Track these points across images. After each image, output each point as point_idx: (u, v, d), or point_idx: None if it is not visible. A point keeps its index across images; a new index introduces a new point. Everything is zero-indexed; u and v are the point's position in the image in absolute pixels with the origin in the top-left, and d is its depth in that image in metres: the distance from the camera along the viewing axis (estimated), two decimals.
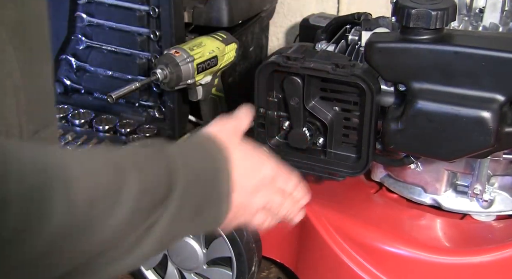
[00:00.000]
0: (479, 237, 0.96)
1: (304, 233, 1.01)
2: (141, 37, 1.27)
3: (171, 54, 1.10)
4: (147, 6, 1.24)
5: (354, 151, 0.93)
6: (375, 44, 0.83)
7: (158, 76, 1.07)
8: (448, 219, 0.99)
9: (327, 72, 0.86)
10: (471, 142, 0.80)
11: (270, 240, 1.06)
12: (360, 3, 1.58)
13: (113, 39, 1.30)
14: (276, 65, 0.89)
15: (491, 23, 0.97)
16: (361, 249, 0.95)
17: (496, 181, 0.97)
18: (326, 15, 1.49)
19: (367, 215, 1.00)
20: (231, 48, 1.23)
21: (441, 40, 0.81)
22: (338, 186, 1.06)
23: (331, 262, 0.97)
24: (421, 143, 0.83)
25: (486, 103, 0.79)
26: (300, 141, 0.93)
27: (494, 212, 0.98)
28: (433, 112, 0.81)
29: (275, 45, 1.75)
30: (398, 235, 0.95)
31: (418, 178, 1.00)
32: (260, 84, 0.93)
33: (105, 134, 1.28)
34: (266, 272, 1.16)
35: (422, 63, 0.81)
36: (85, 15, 1.30)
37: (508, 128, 0.81)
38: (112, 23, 1.28)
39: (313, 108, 0.91)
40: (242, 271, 0.98)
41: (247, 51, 1.51)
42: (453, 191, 1.00)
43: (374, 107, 0.85)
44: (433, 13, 0.79)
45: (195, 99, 1.22)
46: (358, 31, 1.02)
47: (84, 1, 1.29)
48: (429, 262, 0.92)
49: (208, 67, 1.16)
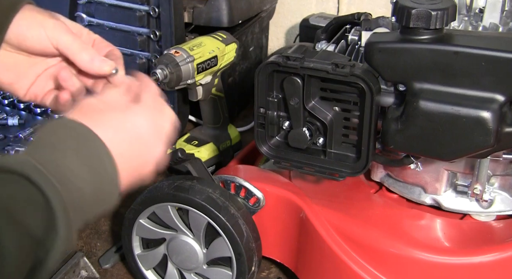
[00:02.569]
0: (479, 237, 0.96)
1: (304, 233, 1.01)
2: (141, 37, 1.27)
3: (171, 54, 1.10)
4: (147, 6, 1.24)
5: (354, 151, 0.93)
6: (375, 44, 0.83)
7: (158, 76, 1.07)
8: (448, 219, 0.99)
9: (327, 72, 0.86)
10: (471, 142, 0.80)
11: (270, 240, 1.06)
12: (360, 3, 1.59)
13: (113, 39, 1.29)
14: (276, 65, 0.90)
15: (491, 23, 0.97)
16: (361, 249, 0.95)
17: (496, 181, 0.97)
18: (326, 15, 1.50)
19: (367, 215, 1.00)
20: (231, 48, 1.24)
21: (441, 40, 0.81)
22: (338, 186, 1.06)
23: (331, 262, 0.97)
24: (421, 143, 0.83)
25: (486, 103, 0.79)
26: (300, 141, 0.93)
27: (494, 212, 0.98)
28: (433, 112, 0.81)
29: (275, 45, 1.75)
30: (398, 235, 0.95)
31: (418, 178, 1.00)
32: (260, 84, 0.93)
33: None
34: (266, 272, 1.16)
35: (422, 63, 0.81)
36: (85, 15, 1.30)
37: (508, 128, 0.81)
38: (112, 23, 1.28)
39: (313, 108, 0.91)
40: (242, 271, 0.98)
41: (247, 51, 1.51)
42: (453, 191, 1.00)
43: (374, 107, 0.86)
44: (433, 13, 0.79)
45: (195, 99, 1.22)
46: (358, 31, 1.02)
47: (84, 1, 1.30)
48: (429, 262, 0.92)
49: (208, 67, 1.17)
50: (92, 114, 0.61)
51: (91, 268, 1.15)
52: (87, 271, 1.15)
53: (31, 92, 0.73)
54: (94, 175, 0.57)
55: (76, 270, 1.14)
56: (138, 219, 1.03)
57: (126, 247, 1.08)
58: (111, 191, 0.59)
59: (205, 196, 0.96)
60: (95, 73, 0.70)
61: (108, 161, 0.58)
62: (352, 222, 0.97)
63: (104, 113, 0.62)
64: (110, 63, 0.69)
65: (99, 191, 0.58)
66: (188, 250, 1.02)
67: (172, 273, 1.07)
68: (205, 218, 0.96)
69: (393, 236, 0.95)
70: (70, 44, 0.69)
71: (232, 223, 0.95)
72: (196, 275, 1.06)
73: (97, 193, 0.58)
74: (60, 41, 0.68)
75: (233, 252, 0.97)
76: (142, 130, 0.63)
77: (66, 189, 0.54)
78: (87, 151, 0.58)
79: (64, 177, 0.55)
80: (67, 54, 0.69)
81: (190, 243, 1.01)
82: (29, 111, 1.35)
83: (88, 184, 0.57)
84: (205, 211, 0.95)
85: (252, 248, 0.98)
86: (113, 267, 1.18)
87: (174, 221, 1.01)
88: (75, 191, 0.55)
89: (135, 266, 1.09)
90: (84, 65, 0.69)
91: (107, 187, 0.59)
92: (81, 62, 0.69)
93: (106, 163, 0.58)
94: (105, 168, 0.58)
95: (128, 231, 1.05)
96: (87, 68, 0.69)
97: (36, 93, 0.73)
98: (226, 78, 1.40)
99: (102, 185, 0.58)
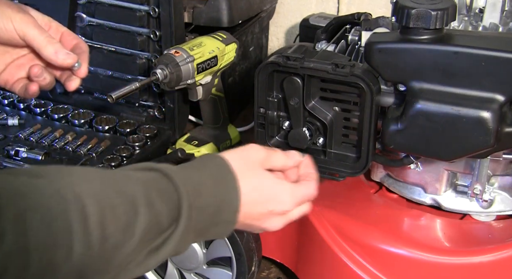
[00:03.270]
0: (479, 237, 0.96)
1: (304, 233, 1.01)
2: (141, 37, 1.27)
3: (171, 54, 1.10)
4: (147, 6, 1.24)
5: (354, 151, 0.93)
6: (375, 44, 0.83)
7: (158, 76, 1.07)
8: (448, 219, 0.99)
9: (327, 72, 0.86)
10: (471, 142, 0.80)
11: (270, 240, 1.06)
12: (360, 3, 1.58)
13: (113, 39, 1.30)
14: (276, 65, 0.90)
15: (491, 23, 0.97)
16: (361, 249, 0.95)
17: (496, 181, 0.97)
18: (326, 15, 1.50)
19: (367, 215, 1.00)
20: (231, 48, 1.23)
21: (441, 40, 0.81)
22: (338, 186, 1.06)
23: (331, 262, 0.97)
24: (421, 143, 0.83)
25: (486, 103, 0.79)
26: (300, 141, 0.93)
27: (494, 212, 0.98)
28: (433, 112, 0.81)
29: (275, 45, 1.75)
30: (398, 235, 0.95)
31: (418, 178, 1.00)
32: (260, 84, 0.93)
33: (105, 134, 1.28)
34: (266, 272, 1.16)
35: (422, 63, 0.81)
36: (85, 15, 1.30)
37: (508, 128, 0.81)
38: (112, 23, 1.28)
39: (313, 108, 0.91)
40: (242, 271, 0.98)
41: (247, 51, 1.51)
42: (453, 191, 1.00)
43: (374, 107, 0.86)
44: (433, 13, 0.79)
45: (195, 99, 1.22)
46: (358, 31, 1.02)
47: (84, 1, 1.30)
48: (428, 262, 0.92)
49: (208, 67, 1.16)
50: (245, 168, 0.68)
51: None
52: None
53: (0, 78, 0.79)
54: (220, 200, 0.64)
55: None
56: None
57: None
58: (228, 220, 0.65)
59: None
60: (59, 65, 0.75)
61: (235, 197, 0.65)
62: (352, 222, 0.97)
63: (257, 172, 0.70)
64: (73, 57, 0.75)
65: (219, 214, 0.64)
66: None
67: (172, 273, 1.07)
68: None
69: (393, 236, 0.95)
70: (37, 37, 0.73)
71: None
72: (196, 275, 1.06)
73: (217, 215, 0.64)
74: (26, 34, 0.73)
75: (233, 252, 0.97)
76: (277, 205, 0.70)
77: (195, 199, 0.61)
78: (222, 182, 0.65)
79: (197, 190, 0.62)
80: (33, 46, 0.74)
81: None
82: (29, 111, 1.35)
83: (213, 204, 0.63)
84: None
85: (252, 248, 0.98)
86: None
87: None
88: (201, 205, 0.62)
89: None
90: (49, 58, 0.74)
91: (227, 215, 0.65)
92: (46, 54, 0.74)
93: (233, 197, 0.65)
94: (231, 200, 0.65)
95: None
96: (52, 60, 0.75)
97: (6, 80, 0.79)
98: (226, 78, 1.40)
99: (223, 211, 0.64)
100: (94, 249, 0.51)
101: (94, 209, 0.52)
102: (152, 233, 0.57)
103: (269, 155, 0.72)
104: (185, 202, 0.60)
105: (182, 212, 0.59)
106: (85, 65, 0.78)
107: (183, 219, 0.59)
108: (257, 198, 0.68)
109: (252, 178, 0.68)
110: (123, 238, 0.54)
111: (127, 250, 0.55)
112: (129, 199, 0.56)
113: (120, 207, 0.54)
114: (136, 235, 0.55)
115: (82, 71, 0.77)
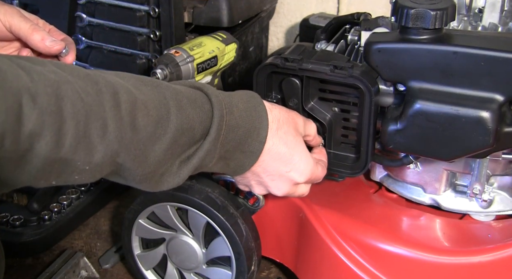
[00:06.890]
0: (479, 237, 0.96)
1: (304, 233, 1.01)
2: (141, 37, 1.27)
3: (171, 54, 1.10)
4: (147, 6, 1.24)
5: (353, 151, 0.93)
6: (374, 44, 0.83)
7: (158, 76, 1.07)
8: (447, 219, 0.99)
9: (325, 74, 0.86)
10: (470, 142, 0.80)
11: (270, 240, 1.06)
12: (360, 3, 1.58)
13: (113, 39, 1.30)
14: (274, 67, 0.90)
15: (490, 23, 0.97)
16: (361, 249, 0.95)
17: (496, 181, 0.97)
18: (326, 15, 1.50)
19: (367, 215, 1.00)
20: (231, 48, 1.23)
21: (440, 40, 0.81)
22: (337, 186, 1.06)
23: (330, 262, 0.97)
24: (420, 143, 0.83)
25: (485, 103, 0.79)
26: None
27: (493, 212, 0.98)
28: (432, 112, 0.81)
29: (275, 45, 1.75)
30: (397, 235, 0.95)
31: (417, 178, 1.00)
32: (258, 85, 0.93)
33: None
34: (266, 272, 1.17)
35: (421, 63, 0.81)
36: (85, 15, 1.30)
37: (507, 128, 0.81)
38: (112, 23, 1.28)
39: (311, 109, 0.91)
40: (241, 270, 0.98)
41: (247, 51, 1.51)
42: (452, 191, 1.00)
43: (373, 108, 0.86)
44: (432, 13, 0.79)
45: None
46: (358, 31, 1.02)
47: (84, 1, 1.30)
48: (428, 262, 0.92)
49: (208, 67, 1.16)
50: (285, 120, 0.76)
51: (91, 268, 1.15)
52: (87, 271, 1.15)
53: None
54: (250, 126, 0.69)
55: (76, 270, 1.14)
56: (138, 219, 1.03)
57: (125, 247, 1.08)
58: (254, 150, 0.71)
59: (204, 195, 0.96)
60: (47, 52, 0.77)
61: (264, 128, 0.71)
62: (352, 222, 0.97)
63: (293, 132, 0.77)
64: (59, 43, 0.77)
65: (246, 140, 0.69)
66: (188, 250, 1.02)
67: (172, 273, 1.07)
68: (205, 218, 0.96)
69: (392, 236, 0.95)
70: (23, 26, 0.76)
71: (231, 222, 0.95)
72: (195, 275, 1.06)
73: (245, 141, 0.69)
74: (12, 24, 0.75)
75: (233, 251, 0.97)
76: (296, 171, 0.77)
77: (227, 115, 0.67)
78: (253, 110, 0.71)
79: (229, 108, 0.68)
80: (20, 36, 0.76)
81: (189, 243, 1.01)
82: None
83: (243, 126, 0.69)
84: (204, 210, 0.96)
85: (251, 248, 0.98)
86: (113, 267, 1.19)
87: (173, 221, 1.01)
88: (231, 123, 0.67)
89: (135, 266, 1.09)
90: (36, 45, 0.76)
91: (253, 144, 0.71)
92: (33, 42, 0.76)
93: (262, 127, 0.71)
94: (260, 129, 0.71)
95: (128, 231, 1.05)
96: (39, 47, 0.77)
97: None
98: (226, 78, 1.40)
99: (251, 137, 0.70)
100: (126, 135, 0.54)
101: (125, 98, 0.55)
102: (186, 137, 0.61)
103: (306, 122, 0.78)
104: (217, 111, 0.64)
105: (213, 121, 0.64)
106: (72, 52, 0.80)
107: (214, 127, 0.63)
108: (283, 153, 0.72)
109: (288, 135, 0.72)
110: (155, 133, 0.57)
111: (160, 147, 0.58)
112: (161, 98, 0.59)
113: (151, 103, 0.58)
114: (168, 133, 0.59)
115: (70, 58, 0.79)
